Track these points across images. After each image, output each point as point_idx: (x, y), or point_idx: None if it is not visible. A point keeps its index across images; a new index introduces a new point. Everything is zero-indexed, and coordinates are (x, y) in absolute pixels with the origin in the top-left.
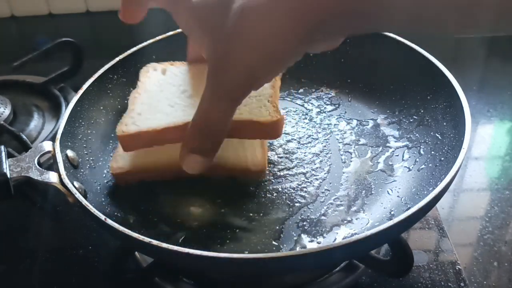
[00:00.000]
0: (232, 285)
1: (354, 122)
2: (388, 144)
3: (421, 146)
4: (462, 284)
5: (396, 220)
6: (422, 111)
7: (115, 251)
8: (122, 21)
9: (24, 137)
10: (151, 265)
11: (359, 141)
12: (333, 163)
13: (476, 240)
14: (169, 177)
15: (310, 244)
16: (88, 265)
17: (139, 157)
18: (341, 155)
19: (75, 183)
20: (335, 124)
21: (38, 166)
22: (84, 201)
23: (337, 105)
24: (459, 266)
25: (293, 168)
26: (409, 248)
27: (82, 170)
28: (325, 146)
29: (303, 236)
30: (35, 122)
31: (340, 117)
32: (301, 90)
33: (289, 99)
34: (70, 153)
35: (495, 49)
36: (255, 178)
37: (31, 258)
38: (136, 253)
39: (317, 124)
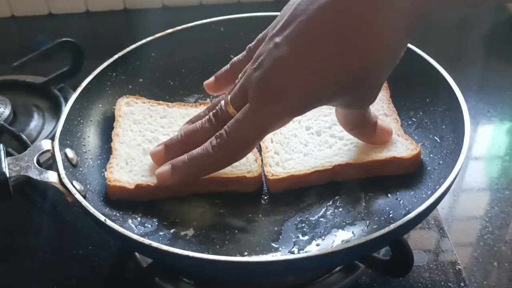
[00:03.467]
0: (232, 285)
1: None
2: None
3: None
4: (462, 284)
5: (395, 224)
6: (421, 113)
7: (115, 252)
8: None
9: (24, 137)
10: (151, 265)
11: None
12: None
13: (476, 240)
14: (165, 195)
15: (309, 246)
16: (88, 265)
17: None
18: None
19: (75, 183)
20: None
21: (37, 165)
22: (84, 201)
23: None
24: (459, 266)
25: None
26: (409, 248)
27: (81, 169)
28: None
29: (302, 237)
30: (35, 122)
31: None
32: None
33: None
34: (69, 151)
35: (495, 49)
36: (251, 188)
37: (31, 258)
38: (136, 253)
39: None
